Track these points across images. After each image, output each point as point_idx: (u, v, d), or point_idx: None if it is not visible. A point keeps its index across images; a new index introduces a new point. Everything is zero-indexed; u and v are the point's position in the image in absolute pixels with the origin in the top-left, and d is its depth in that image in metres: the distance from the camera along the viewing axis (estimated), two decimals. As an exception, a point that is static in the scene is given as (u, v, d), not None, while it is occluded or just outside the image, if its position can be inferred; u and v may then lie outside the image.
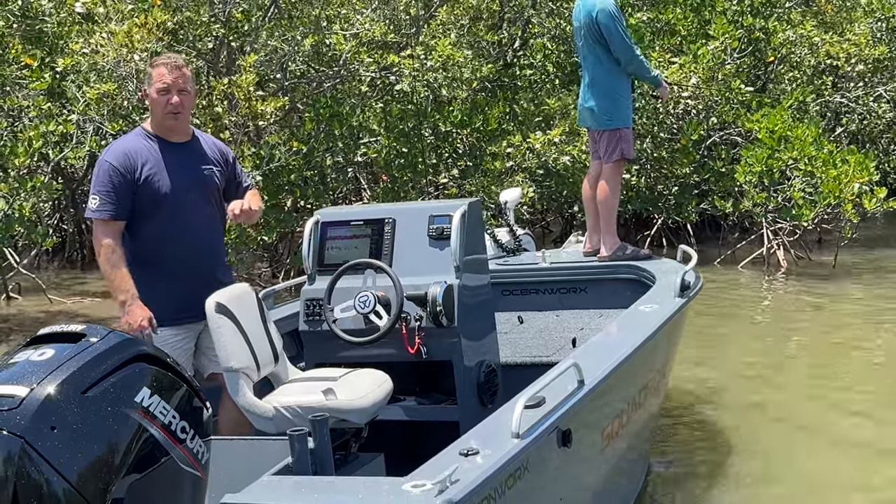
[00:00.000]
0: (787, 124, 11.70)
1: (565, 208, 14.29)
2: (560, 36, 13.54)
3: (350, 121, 11.55)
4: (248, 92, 10.80)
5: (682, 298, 5.26)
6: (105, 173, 4.35)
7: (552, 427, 3.53)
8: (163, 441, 3.14)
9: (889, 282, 11.34)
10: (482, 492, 3.07)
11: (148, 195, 4.37)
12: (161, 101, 4.41)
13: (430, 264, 4.65)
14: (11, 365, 3.07)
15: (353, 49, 11.71)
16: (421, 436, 4.66)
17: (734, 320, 9.86)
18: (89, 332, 3.14)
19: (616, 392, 4.40)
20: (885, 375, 7.68)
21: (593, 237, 6.82)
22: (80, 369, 3.03)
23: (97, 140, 11.34)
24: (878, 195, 11.35)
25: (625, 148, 6.70)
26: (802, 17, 14.07)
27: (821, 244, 13.44)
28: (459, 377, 4.63)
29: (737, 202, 12.49)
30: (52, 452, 2.91)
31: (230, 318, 3.95)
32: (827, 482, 5.62)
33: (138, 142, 4.46)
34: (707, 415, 6.89)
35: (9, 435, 2.90)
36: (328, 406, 3.86)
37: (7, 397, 2.95)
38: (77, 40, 11.15)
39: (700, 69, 12.13)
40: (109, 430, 3.03)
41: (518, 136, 12.09)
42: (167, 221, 4.40)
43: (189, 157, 4.52)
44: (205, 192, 4.54)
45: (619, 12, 6.59)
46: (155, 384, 3.15)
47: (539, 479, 3.56)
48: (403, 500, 2.93)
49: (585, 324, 5.94)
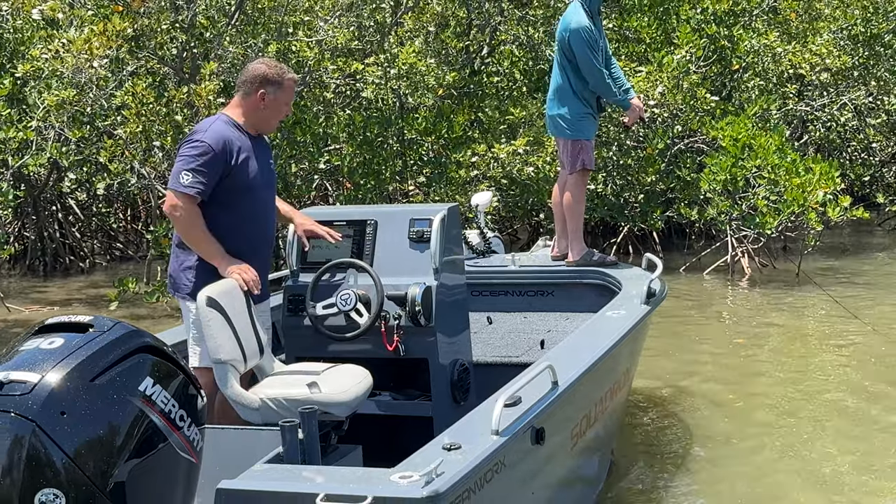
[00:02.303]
0: (750, 132, 12.10)
1: (532, 216, 14.65)
2: (527, 43, 13.95)
3: (314, 128, 11.87)
4: (208, 100, 11.06)
5: (647, 306, 5.65)
6: (203, 153, 4.65)
7: (528, 426, 3.88)
8: (162, 428, 3.45)
9: (852, 289, 11.77)
10: (465, 484, 3.39)
11: (236, 182, 4.73)
12: (284, 110, 4.91)
13: (410, 265, 5.01)
14: (22, 352, 3.35)
15: (316, 56, 12.02)
16: (396, 430, 5.00)
17: (696, 325, 10.25)
18: (96, 322, 3.44)
19: (585, 394, 4.76)
20: (846, 381, 8.08)
21: (561, 242, 7.17)
22: (88, 358, 3.32)
23: (58, 147, 11.58)
24: (841, 204, 11.72)
25: (585, 159, 7.05)
26: (766, 27, 14.49)
27: (786, 252, 13.85)
28: (434, 374, 4.98)
29: (702, 210, 12.85)
30: (61, 436, 3.20)
31: (220, 311, 4.27)
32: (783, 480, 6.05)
33: (231, 130, 4.80)
34: (666, 414, 7.28)
35: (21, 418, 3.19)
36: (312, 399, 4.18)
37: (19, 383, 3.24)
38: (38, 46, 11.35)
39: (665, 77, 12.55)
40: (115, 416, 3.33)
41: (483, 145, 12.44)
42: (248, 208, 4.78)
43: (264, 152, 4.95)
44: (272, 185, 4.99)
45: (590, 34, 6.88)
46: (156, 373, 3.46)
47: (514, 474, 3.91)
48: (393, 489, 3.24)
49: (553, 326, 6.31)
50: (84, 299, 12.55)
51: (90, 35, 10.88)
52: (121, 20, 11.00)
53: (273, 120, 4.95)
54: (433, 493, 3.20)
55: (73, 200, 15.53)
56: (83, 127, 11.48)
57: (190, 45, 11.70)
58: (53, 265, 14.86)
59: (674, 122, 13.24)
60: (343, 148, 12.23)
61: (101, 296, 12.01)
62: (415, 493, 3.20)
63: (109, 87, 11.35)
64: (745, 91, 14.44)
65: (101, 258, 15.71)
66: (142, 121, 10.99)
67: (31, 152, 11.56)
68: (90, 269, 14.94)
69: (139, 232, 16.42)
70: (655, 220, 13.42)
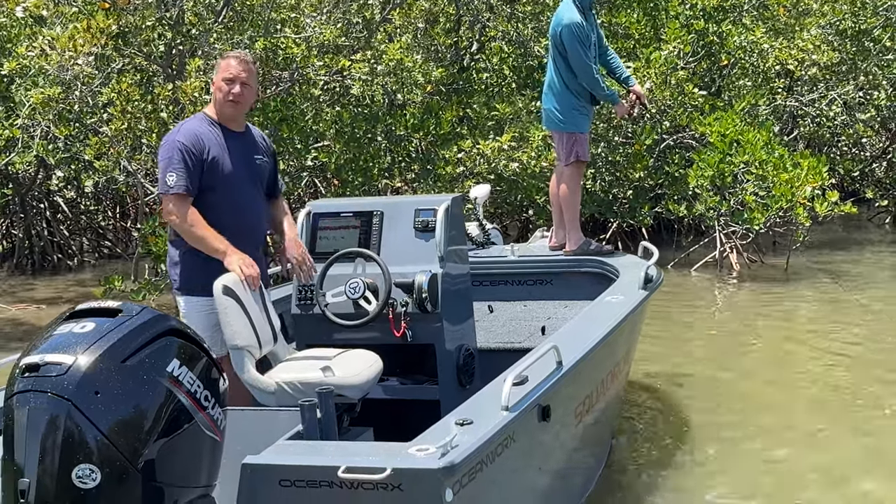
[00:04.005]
0: (738, 128, 12.36)
1: (521, 212, 14.94)
2: (516, 39, 14.23)
3: (300, 124, 12.11)
4: (194, 97, 11.27)
5: (645, 291, 5.97)
6: (179, 153, 4.91)
7: (534, 403, 4.16)
8: (189, 407, 3.68)
9: (841, 284, 12.03)
10: (477, 457, 3.66)
11: (210, 176, 4.96)
12: (224, 88, 5.05)
13: (416, 254, 5.30)
14: (55, 336, 3.58)
15: (303, 52, 12.26)
16: (404, 413, 5.29)
17: (684, 321, 10.52)
18: (125, 308, 3.68)
19: (588, 375, 5.05)
20: (833, 376, 8.33)
21: (559, 232, 7.51)
22: (119, 341, 3.55)
23: (44, 144, 11.78)
24: (829, 199, 12.01)
25: (579, 151, 7.37)
26: (754, 23, 14.78)
27: (775, 247, 14.14)
28: (441, 359, 5.28)
29: (690, 206, 13.10)
30: (96, 415, 3.43)
31: (235, 300, 4.55)
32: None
33: (203, 126, 5.06)
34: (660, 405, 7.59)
35: (58, 398, 3.42)
36: (326, 382, 4.44)
37: (55, 364, 3.47)
38: (24, 43, 11.54)
39: (653, 73, 12.84)
40: (145, 396, 3.55)
41: (469, 141, 12.71)
42: (227, 202, 5.01)
43: (246, 147, 5.17)
44: (255, 180, 5.19)
45: (581, 30, 7.18)
46: (182, 356, 3.68)
47: (522, 449, 4.19)
48: (410, 461, 3.50)
49: (552, 314, 6.63)
50: (72, 297, 12.74)
51: (74, 32, 11.10)
52: (105, 17, 11.22)
53: (225, 107, 5.08)
54: (449, 463, 3.45)
55: (60, 198, 15.70)
56: (70, 124, 11.68)
57: (176, 42, 11.92)
58: (41, 263, 15.04)
59: (662, 117, 13.51)
60: (331, 145, 12.47)
61: (89, 294, 12.21)
62: (431, 464, 3.45)
63: (95, 84, 11.56)
64: (734, 87, 14.74)
65: (90, 256, 15.89)
66: (127, 118, 11.19)
67: (17, 150, 11.78)
68: (78, 268, 15.14)
69: (128, 230, 16.60)
70: (644, 216, 13.70)
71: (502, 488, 4.05)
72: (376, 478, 3.41)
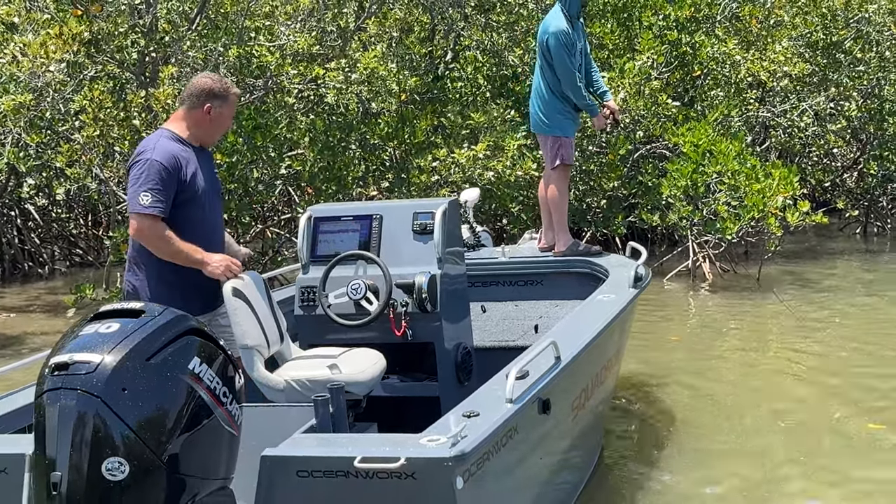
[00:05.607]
0: (711, 139, 12.67)
1: (496, 220, 15.21)
2: (491, 49, 14.54)
3: (274, 132, 12.34)
4: (166, 104, 11.41)
5: (635, 289, 6.31)
6: (157, 172, 4.99)
7: (535, 396, 4.45)
8: (209, 403, 3.92)
9: (811, 293, 12.40)
10: (485, 446, 3.94)
11: (188, 195, 5.13)
12: (227, 124, 5.34)
13: (415, 256, 5.62)
14: (82, 336, 3.81)
15: (277, 61, 12.49)
16: (405, 409, 5.59)
17: (658, 330, 10.78)
18: (147, 308, 3.93)
19: (583, 369, 5.37)
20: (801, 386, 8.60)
21: (548, 234, 7.87)
22: (143, 340, 3.78)
23: (15, 152, 11.93)
24: (801, 209, 12.34)
25: (564, 154, 7.73)
26: (726, 34, 15.15)
27: (748, 257, 14.50)
28: (440, 357, 5.60)
29: (663, 215, 13.36)
30: (123, 410, 3.65)
31: (244, 301, 4.82)
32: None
33: (175, 145, 5.18)
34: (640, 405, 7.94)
35: (87, 395, 3.65)
36: (334, 379, 4.73)
37: (84, 363, 3.70)
38: (-4, 49, 11.69)
39: (627, 83, 13.18)
40: (168, 392, 3.79)
41: (444, 150, 12.98)
42: (198, 217, 5.19)
43: (210, 162, 5.40)
44: (218, 191, 5.43)
45: (567, 37, 7.54)
46: (203, 354, 3.92)
47: (524, 440, 4.48)
48: (423, 451, 3.77)
49: (544, 313, 6.98)
50: (42, 306, 12.88)
51: (46, 39, 11.28)
52: (78, 24, 11.41)
53: (217, 133, 5.37)
54: (460, 452, 3.72)
55: (32, 206, 15.83)
56: (41, 132, 11.84)
57: (150, 49, 12.11)
58: (12, 271, 15.16)
59: (636, 127, 13.85)
60: (305, 153, 12.71)
61: (60, 302, 12.37)
62: (443, 453, 3.72)
63: (67, 91, 11.74)
64: (707, 97, 15.11)
65: (61, 264, 16.02)
66: (99, 125, 11.37)
67: (-12, 157, 11.92)
68: (49, 276, 15.27)
69: (99, 238, 16.70)
70: (618, 226, 14.02)
71: (507, 477, 4.35)
72: (391, 467, 3.67)
